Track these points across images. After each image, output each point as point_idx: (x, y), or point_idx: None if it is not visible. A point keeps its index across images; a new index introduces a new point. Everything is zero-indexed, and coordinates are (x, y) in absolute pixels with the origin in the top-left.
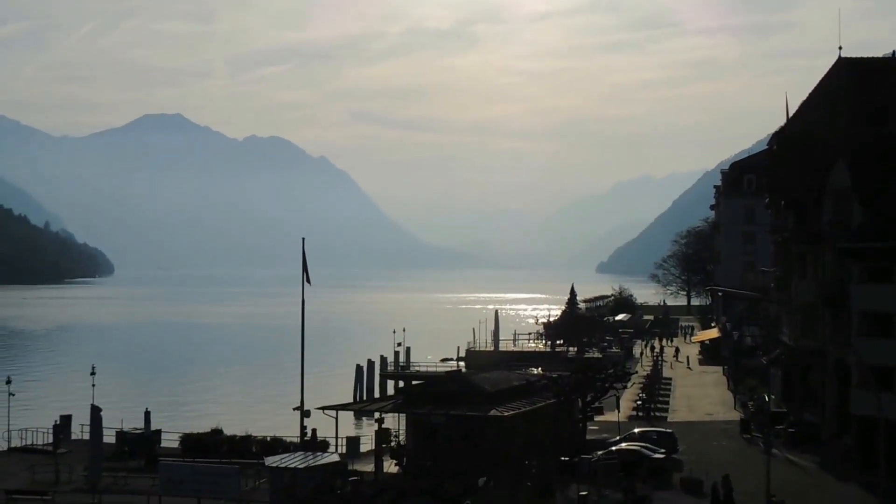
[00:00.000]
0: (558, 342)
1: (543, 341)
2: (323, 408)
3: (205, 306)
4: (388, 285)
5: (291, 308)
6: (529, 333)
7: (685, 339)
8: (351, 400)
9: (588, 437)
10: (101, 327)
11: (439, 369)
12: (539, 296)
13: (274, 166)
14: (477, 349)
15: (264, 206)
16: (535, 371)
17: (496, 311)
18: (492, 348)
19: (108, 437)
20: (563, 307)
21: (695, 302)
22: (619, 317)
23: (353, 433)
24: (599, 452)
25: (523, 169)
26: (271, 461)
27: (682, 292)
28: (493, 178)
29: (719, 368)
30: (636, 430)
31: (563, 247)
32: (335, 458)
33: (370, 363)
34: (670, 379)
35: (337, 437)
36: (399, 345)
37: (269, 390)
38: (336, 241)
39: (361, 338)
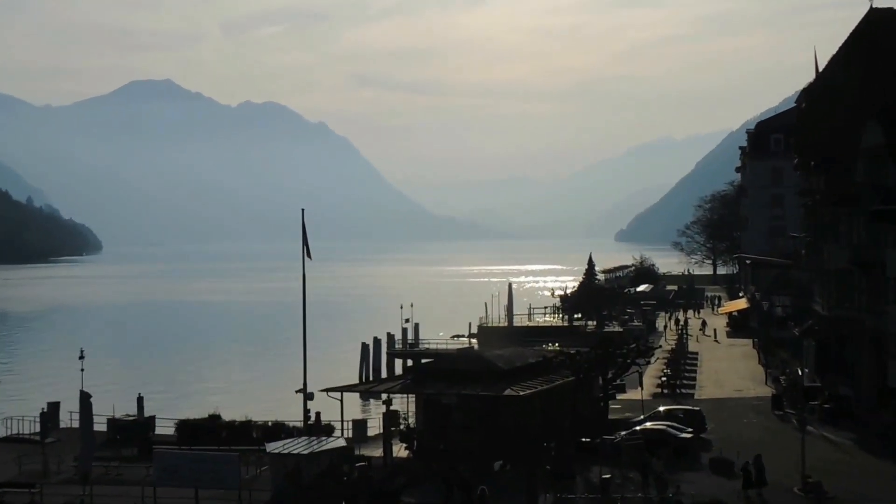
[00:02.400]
0: (576, 316)
1: (560, 315)
2: (327, 389)
3: (199, 283)
4: (394, 258)
5: (291, 284)
6: (545, 307)
7: (712, 310)
8: (356, 381)
9: (610, 416)
10: (89, 308)
11: (450, 347)
12: (554, 267)
13: (270, 134)
14: (489, 325)
15: (261, 175)
16: (551, 347)
17: (509, 284)
18: (505, 324)
19: (99, 425)
20: (581, 279)
21: (721, 271)
22: (641, 288)
23: (359, 416)
24: (622, 433)
25: (535, 133)
26: (273, 447)
27: (707, 261)
28: (503, 143)
29: (748, 341)
30: (661, 409)
31: (579, 215)
32: (341, 442)
33: (376, 341)
34: (696, 353)
35: (342, 421)
36: (407, 321)
37: (269, 372)
38: (338, 212)
39: (367, 314)
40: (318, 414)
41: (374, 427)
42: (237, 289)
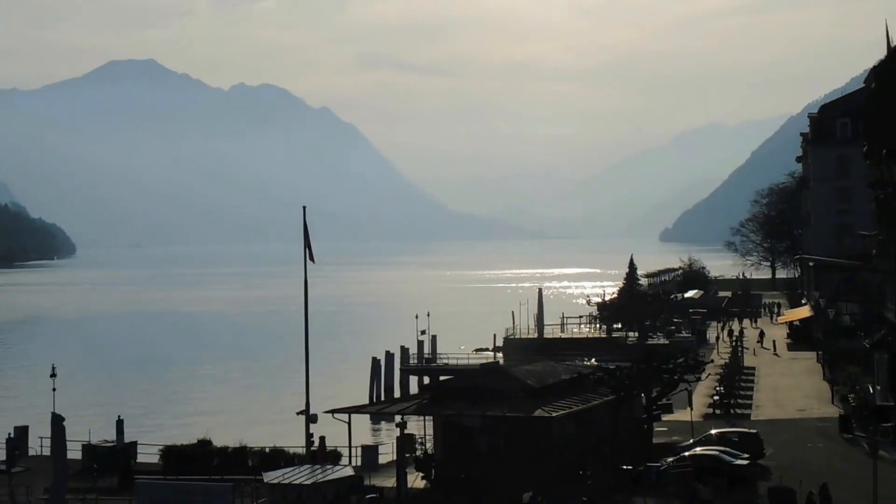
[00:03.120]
0: (616, 326)
1: (597, 325)
2: (333, 411)
3: (187, 291)
4: (408, 261)
5: (292, 291)
6: (580, 316)
7: (770, 319)
8: (366, 400)
9: (654, 440)
10: (61, 319)
11: (472, 361)
12: (591, 270)
13: (267, 121)
14: (517, 336)
15: (256, 168)
16: (588, 362)
17: (539, 290)
18: (535, 335)
19: (73, 452)
20: (621, 284)
21: (780, 274)
22: (689, 294)
23: (369, 440)
24: (669, 459)
25: (567, 118)
26: (272, 476)
27: (764, 263)
28: (531, 131)
29: (812, 354)
30: (713, 432)
31: (618, 211)
32: (349, 471)
33: (388, 356)
34: (753, 368)
35: (350, 446)
36: (423, 333)
37: (267, 391)
38: (344, 209)
39: (377, 325)
40: (322, 439)
41: (387, 453)
42: (231, 297)
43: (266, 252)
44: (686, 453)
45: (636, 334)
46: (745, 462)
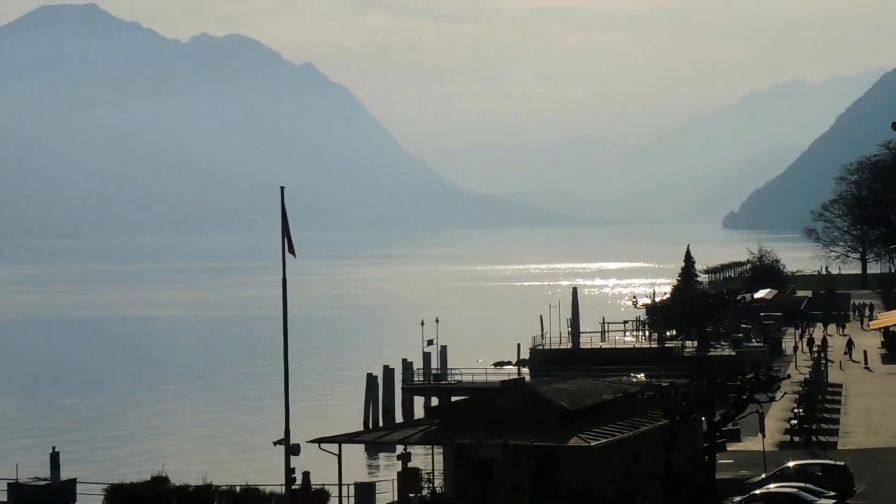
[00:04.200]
0: (669, 334)
1: (646, 333)
2: (319, 440)
3: (137, 292)
4: (411, 254)
5: (269, 291)
6: (625, 322)
7: (861, 324)
8: (360, 427)
9: (718, 475)
10: None
11: (491, 378)
12: (637, 265)
13: (236, 81)
14: (547, 347)
15: (223, 141)
16: (635, 378)
17: (574, 290)
18: (569, 345)
19: None
20: (675, 281)
21: (872, 269)
22: (761, 294)
23: (364, 477)
24: (737, 499)
25: (609, 75)
26: None
27: (853, 255)
28: (563, 91)
29: None
30: (791, 464)
31: (671, 191)
32: None
33: (388, 371)
34: (840, 385)
35: (341, 484)
36: (430, 343)
37: (237, 416)
38: (332, 191)
39: (374, 334)
40: (305, 475)
41: (386, 492)
42: (192, 299)
43: (235, 244)
44: (757, 491)
45: (694, 344)
46: (830, 501)
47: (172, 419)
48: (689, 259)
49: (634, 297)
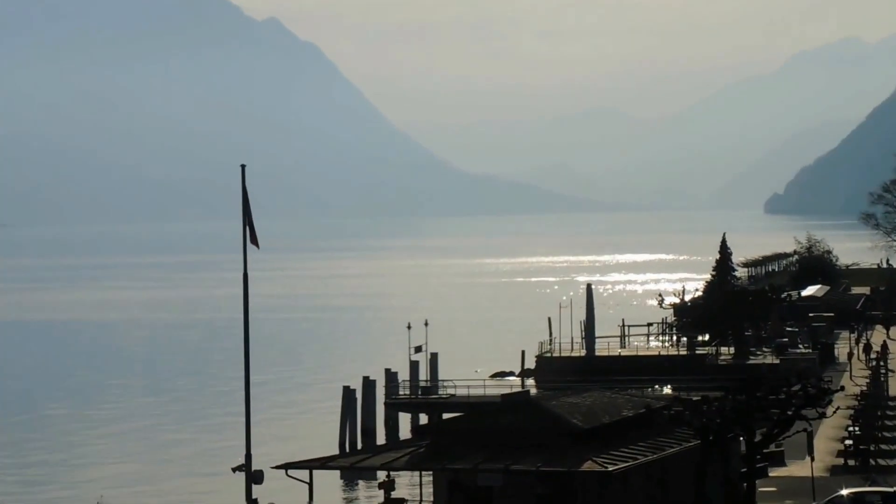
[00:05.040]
0: (700, 338)
1: (674, 337)
2: (286, 465)
3: (79, 291)
4: (397, 245)
5: (230, 290)
6: (649, 324)
7: None
8: (335, 449)
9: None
10: None
11: (490, 391)
12: (664, 257)
13: (190, 40)
14: (556, 354)
15: (174, 110)
16: (661, 390)
17: (588, 287)
18: (582, 352)
19: None
20: (709, 276)
21: None
22: (809, 291)
23: None
24: None
25: (631, 32)
26: None
27: None
28: (573, 52)
29: None
30: (844, 492)
31: (703, 171)
32: None
33: (368, 384)
34: None
35: None
36: (418, 350)
37: (191, 438)
38: (304, 170)
39: (352, 339)
40: None
41: None
42: (139, 299)
43: (190, 233)
44: None
45: (731, 350)
46: None
47: (114, 441)
48: (724, 250)
49: (660, 295)
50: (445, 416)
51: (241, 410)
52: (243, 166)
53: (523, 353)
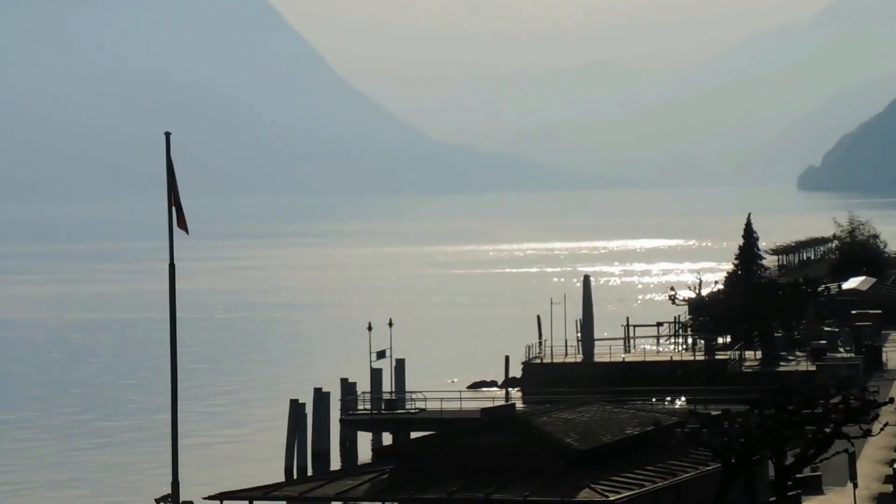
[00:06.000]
0: (721, 340)
1: (688, 339)
2: (222, 495)
3: None
4: (358, 230)
5: (154, 285)
6: (658, 324)
7: None
8: (281, 476)
9: None
10: None
11: (468, 405)
12: (676, 243)
13: None
14: (547, 360)
15: (92, 65)
16: (673, 404)
17: (586, 279)
18: (578, 357)
19: None
20: (731, 266)
21: None
22: (852, 283)
23: None
24: None
25: None
26: None
27: None
28: None
29: None
30: None
31: (724, 139)
32: None
33: (321, 397)
34: None
35: None
36: (381, 356)
37: (107, 463)
38: (246, 141)
39: (302, 344)
40: None
41: None
42: (50, 295)
43: (116, 215)
44: None
45: (758, 355)
46: None
47: (14, 467)
48: (749, 235)
49: (672, 289)
50: (413, 435)
51: (167, 430)
52: (168, 134)
53: (507, 358)
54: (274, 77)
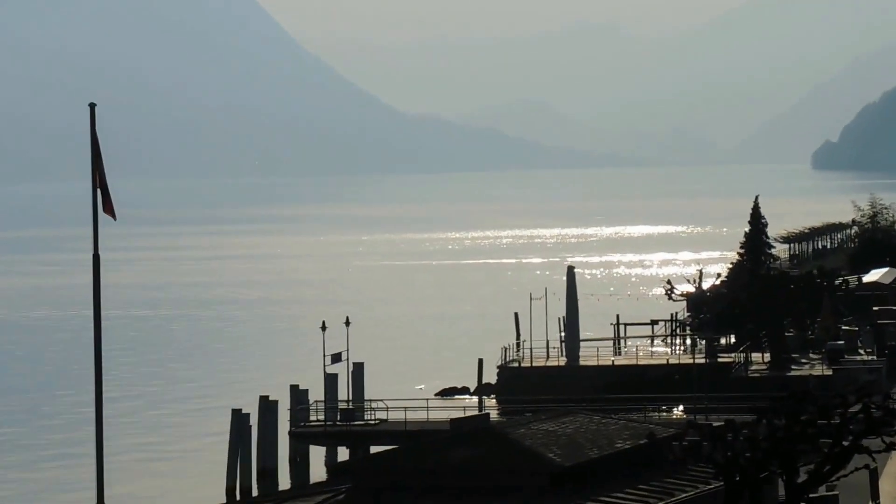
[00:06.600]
0: (724, 341)
1: (687, 339)
2: None
3: None
4: (311, 215)
5: (76, 279)
6: (653, 322)
7: None
8: (222, 495)
9: None
10: None
11: (436, 415)
12: (673, 230)
13: None
14: (526, 364)
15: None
16: (669, 413)
17: (570, 271)
18: (561, 360)
19: None
20: (735, 256)
21: None
22: (873, 275)
23: None
24: None
25: None
26: None
27: None
28: None
29: None
30: None
31: (728, 111)
32: None
33: (267, 406)
34: None
35: None
36: (336, 359)
37: (25, 480)
38: (184, 114)
39: (246, 345)
40: None
41: None
42: None
43: (41, 196)
44: None
45: (766, 357)
46: None
47: None
48: (757, 220)
49: (669, 282)
50: (373, 449)
51: (92, 445)
52: (92, 106)
53: (481, 362)
54: (200, 37)
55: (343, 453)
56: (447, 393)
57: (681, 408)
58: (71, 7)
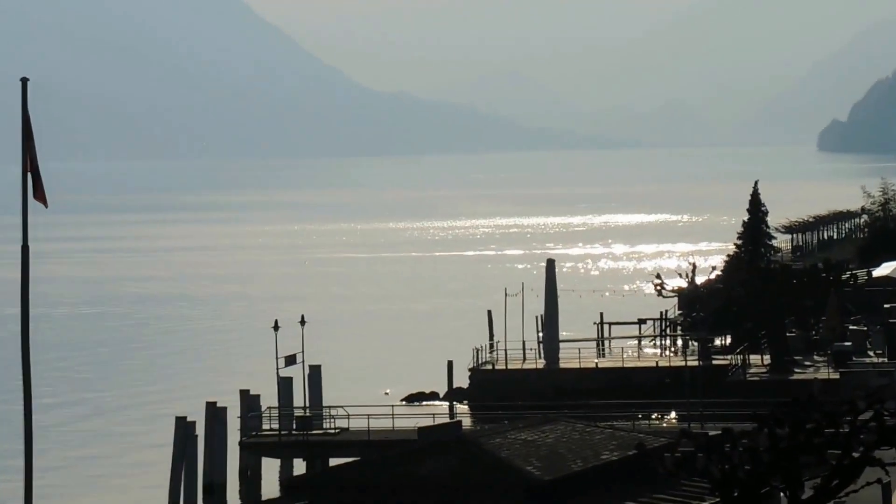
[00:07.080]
0: (720, 342)
1: (679, 340)
2: None
3: None
4: (271, 202)
5: (8, 274)
6: (640, 321)
7: None
8: None
9: None
10: None
11: (402, 424)
12: (664, 218)
13: None
14: (501, 367)
15: None
16: (658, 421)
17: (549, 264)
18: (540, 362)
19: None
20: (732, 247)
21: None
22: (885, 269)
23: None
24: None
25: None
26: None
27: None
28: None
29: None
30: None
31: (727, 89)
32: None
33: (214, 413)
34: None
35: None
36: (291, 361)
37: None
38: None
39: (192, 347)
40: None
41: None
42: None
43: None
44: None
45: (766, 359)
46: None
47: None
48: (756, 208)
49: (659, 276)
50: (333, 462)
51: (20, 458)
52: (24, 80)
53: (451, 364)
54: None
55: (299, 466)
56: (414, 399)
57: (673, 415)
58: None
